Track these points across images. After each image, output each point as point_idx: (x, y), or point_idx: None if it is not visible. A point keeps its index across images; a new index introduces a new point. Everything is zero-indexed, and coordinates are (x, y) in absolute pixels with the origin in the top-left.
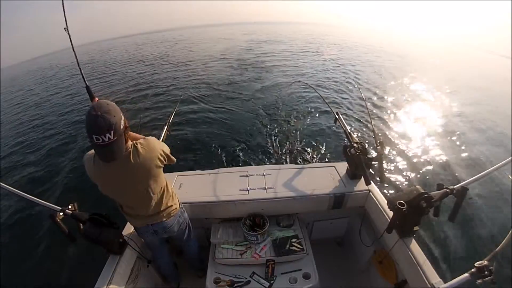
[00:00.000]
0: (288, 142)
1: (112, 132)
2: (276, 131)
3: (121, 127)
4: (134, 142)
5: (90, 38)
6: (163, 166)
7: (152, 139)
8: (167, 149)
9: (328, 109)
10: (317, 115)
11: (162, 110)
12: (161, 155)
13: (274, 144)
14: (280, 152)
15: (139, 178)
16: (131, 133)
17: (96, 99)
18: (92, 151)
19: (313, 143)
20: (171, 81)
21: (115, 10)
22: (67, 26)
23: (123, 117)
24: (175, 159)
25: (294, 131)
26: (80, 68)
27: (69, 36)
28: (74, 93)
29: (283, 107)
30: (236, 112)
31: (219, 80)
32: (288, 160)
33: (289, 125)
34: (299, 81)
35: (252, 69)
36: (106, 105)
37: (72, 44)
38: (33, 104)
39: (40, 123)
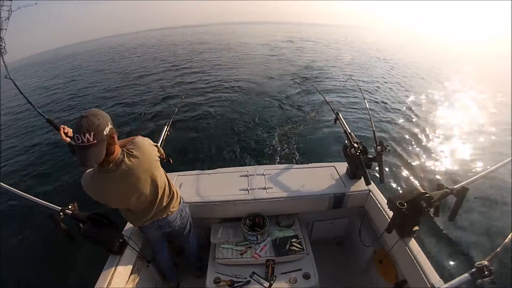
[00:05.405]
0: (288, 142)
1: (92, 134)
2: (276, 131)
3: (105, 132)
4: (125, 148)
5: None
6: (159, 160)
7: (138, 140)
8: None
9: (329, 108)
10: (317, 115)
11: (163, 111)
12: (154, 150)
13: (274, 144)
14: (280, 152)
15: (142, 181)
16: (119, 141)
17: (62, 127)
18: (90, 169)
19: (313, 142)
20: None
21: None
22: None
23: (110, 125)
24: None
25: (294, 131)
26: (31, 103)
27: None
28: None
29: (283, 107)
30: (237, 112)
31: (220, 80)
32: (288, 160)
33: (289, 124)
34: (303, 81)
35: (255, 70)
36: (96, 110)
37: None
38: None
39: (41, 122)
